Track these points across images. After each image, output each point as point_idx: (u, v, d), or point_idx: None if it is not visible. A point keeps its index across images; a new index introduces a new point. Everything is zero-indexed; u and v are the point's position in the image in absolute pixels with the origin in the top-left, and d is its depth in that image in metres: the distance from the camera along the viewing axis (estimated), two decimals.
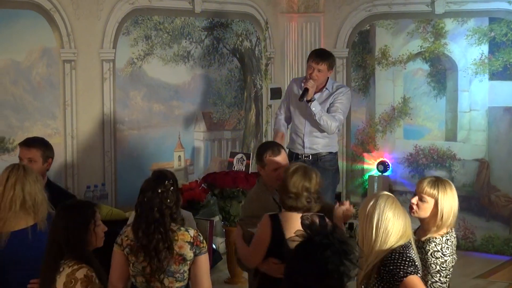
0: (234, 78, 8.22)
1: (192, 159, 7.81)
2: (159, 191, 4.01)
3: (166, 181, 4.04)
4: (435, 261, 4.17)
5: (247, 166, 6.92)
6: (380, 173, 8.32)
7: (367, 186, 8.42)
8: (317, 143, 6.47)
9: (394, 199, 3.87)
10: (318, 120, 6.34)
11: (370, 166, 8.45)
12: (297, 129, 6.54)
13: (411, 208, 4.26)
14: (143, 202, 4.04)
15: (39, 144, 5.21)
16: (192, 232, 4.06)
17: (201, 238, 4.07)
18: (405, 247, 3.81)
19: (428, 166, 8.22)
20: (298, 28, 8.55)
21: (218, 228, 7.21)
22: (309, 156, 6.46)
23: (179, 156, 7.67)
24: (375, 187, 8.21)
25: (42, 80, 6.55)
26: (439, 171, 8.06)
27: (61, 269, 3.71)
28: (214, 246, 6.81)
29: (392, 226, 3.78)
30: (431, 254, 4.18)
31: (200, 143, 7.91)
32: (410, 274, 3.71)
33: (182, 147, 7.68)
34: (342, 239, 3.01)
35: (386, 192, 3.94)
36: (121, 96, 7.13)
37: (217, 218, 7.04)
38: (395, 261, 3.75)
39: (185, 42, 7.65)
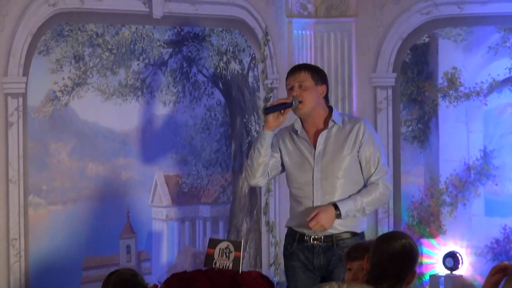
0: (215, 121, 8.33)
1: (149, 251, 7.85)
2: None
3: None
4: None
5: (236, 261, 6.78)
6: (448, 271, 8.37)
7: None
8: None
9: None
10: (364, 215, 6.46)
11: (433, 259, 8.49)
12: (301, 195, 6.42)
13: None
14: None
15: None
16: None
17: None
18: None
19: None
20: (317, 41, 8.60)
21: None
22: (321, 238, 6.35)
23: (128, 246, 7.73)
24: None
25: None
26: None
27: None
28: None
29: None
30: None
31: (162, 224, 8.00)
32: None
33: (132, 232, 7.77)
34: None
35: None
36: (37, 150, 7.25)
37: None
38: None
39: (138, 64, 7.78)
